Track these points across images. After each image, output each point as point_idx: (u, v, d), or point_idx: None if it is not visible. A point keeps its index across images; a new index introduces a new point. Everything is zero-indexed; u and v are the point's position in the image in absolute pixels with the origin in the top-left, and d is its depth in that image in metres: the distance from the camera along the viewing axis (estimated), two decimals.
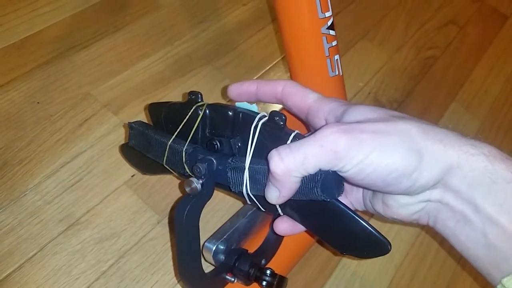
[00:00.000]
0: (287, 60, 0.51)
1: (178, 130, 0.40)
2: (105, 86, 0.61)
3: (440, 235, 0.31)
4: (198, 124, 0.39)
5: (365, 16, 0.87)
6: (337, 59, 0.49)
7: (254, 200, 0.36)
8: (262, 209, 0.37)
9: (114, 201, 0.52)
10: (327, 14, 0.46)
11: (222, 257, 0.45)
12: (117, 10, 0.69)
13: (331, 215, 0.33)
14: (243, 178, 0.34)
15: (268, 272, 0.43)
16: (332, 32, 0.48)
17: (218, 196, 0.56)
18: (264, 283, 0.43)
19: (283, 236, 0.47)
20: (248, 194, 0.35)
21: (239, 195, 0.37)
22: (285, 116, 0.34)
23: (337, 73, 0.50)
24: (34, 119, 0.56)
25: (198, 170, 0.37)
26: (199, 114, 0.39)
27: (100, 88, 0.60)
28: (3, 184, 0.51)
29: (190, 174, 0.39)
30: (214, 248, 0.45)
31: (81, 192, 0.52)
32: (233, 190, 0.36)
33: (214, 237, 0.46)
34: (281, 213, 0.36)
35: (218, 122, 0.38)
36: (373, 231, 0.31)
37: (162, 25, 0.70)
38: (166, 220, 0.53)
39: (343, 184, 0.31)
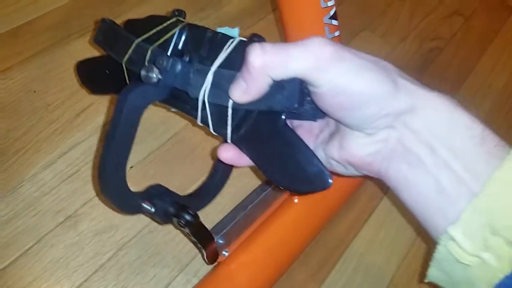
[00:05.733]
0: None
1: (151, 33, 0.37)
2: None
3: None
4: (174, 33, 0.35)
5: (368, 6, 0.85)
6: None
7: (206, 114, 0.34)
8: (212, 129, 0.35)
9: None
10: (330, 3, 0.45)
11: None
12: None
13: (281, 143, 0.32)
14: (204, 81, 0.32)
15: (188, 214, 0.39)
16: (334, 22, 0.47)
17: None
18: (181, 222, 0.39)
19: (217, 191, 0.47)
20: (204, 101, 0.33)
21: (191, 110, 0.35)
22: (264, 39, 0.32)
23: None
24: (31, 109, 0.54)
25: (161, 63, 0.34)
26: (178, 26, 0.36)
27: None
28: (0, 174, 0.50)
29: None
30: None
31: (78, 183, 0.51)
32: (190, 95, 0.34)
33: (214, 231, 0.45)
34: (229, 139, 0.34)
35: (195, 41, 0.35)
36: (320, 162, 0.31)
37: (161, 12, 0.68)
38: None
39: (306, 100, 0.30)
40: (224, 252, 0.46)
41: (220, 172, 0.47)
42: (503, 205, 0.27)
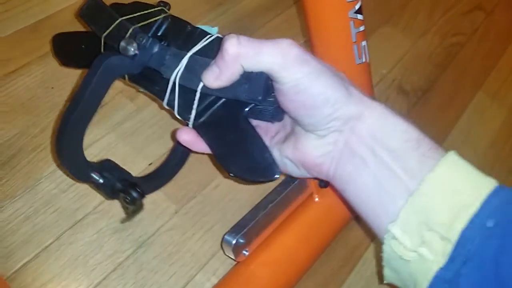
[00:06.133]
0: (311, 45, 0.49)
1: (134, 15, 0.39)
2: None
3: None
4: (156, 20, 0.38)
5: (388, 1, 0.84)
6: (364, 45, 0.47)
7: (174, 97, 0.36)
8: (176, 112, 0.37)
9: None
10: None
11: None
12: None
13: (239, 134, 0.35)
14: (179, 63, 0.35)
15: (136, 192, 0.39)
16: (360, 17, 0.45)
17: (237, 186, 0.54)
18: (127, 199, 0.39)
19: (171, 175, 0.48)
20: (174, 82, 0.35)
21: (160, 92, 0.37)
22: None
23: (364, 60, 0.47)
24: (49, 105, 0.54)
25: (140, 40, 0.36)
26: (161, 15, 0.38)
27: None
28: (17, 172, 0.49)
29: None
30: (234, 242, 0.43)
31: None
32: (163, 75, 0.36)
33: (234, 230, 0.44)
34: (191, 124, 0.37)
35: (175, 31, 0.38)
36: (271, 156, 0.34)
37: (180, 7, 0.67)
38: (183, 211, 0.52)
39: (269, 95, 0.33)
40: (244, 252, 0.45)
41: (178, 157, 0.48)
42: (437, 203, 0.30)
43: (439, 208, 0.29)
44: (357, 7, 0.45)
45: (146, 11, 0.39)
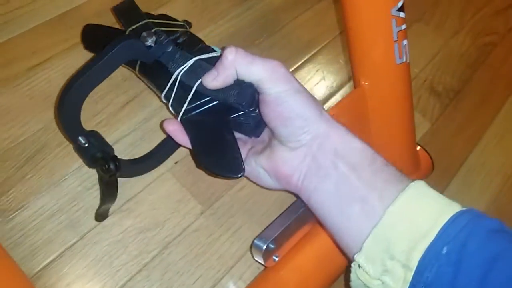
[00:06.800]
0: (348, 43, 0.47)
1: (160, 22, 0.47)
2: None
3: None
4: (177, 31, 0.46)
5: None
6: (405, 45, 0.45)
7: (172, 91, 0.42)
8: (170, 105, 0.43)
9: (157, 188, 0.50)
10: None
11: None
12: None
13: (218, 135, 0.41)
14: (185, 62, 0.41)
15: (114, 164, 0.42)
16: (402, 15, 0.44)
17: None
18: (104, 167, 0.42)
19: (154, 166, 0.50)
20: (177, 77, 0.42)
21: (161, 86, 0.43)
22: None
23: (404, 60, 0.45)
24: None
25: (159, 37, 0.43)
26: (182, 28, 0.47)
27: None
28: (42, 167, 0.48)
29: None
30: (265, 247, 0.42)
31: (122, 179, 0.49)
32: (170, 69, 0.42)
33: (265, 235, 0.43)
34: (179, 117, 0.42)
35: (190, 44, 0.46)
36: (241, 158, 0.40)
37: (205, 2, 0.66)
38: (210, 211, 0.50)
39: (253, 106, 0.40)
40: (274, 257, 0.43)
41: (164, 149, 0.50)
42: (398, 233, 0.33)
43: (400, 237, 0.32)
44: (399, 4, 0.43)
45: (171, 22, 0.48)
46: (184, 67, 0.41)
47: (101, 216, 0.46)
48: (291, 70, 0.63)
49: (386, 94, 0.46)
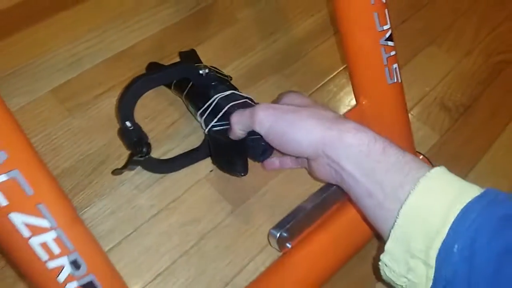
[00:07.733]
0: (349, 69, 0.56)
1: (212, 68, 0.62)
2: None
3: None
4: (222, 76, 0.62)
5: (434, 21, 0.88)
6: (395, 68, 0.53)
7: (208, 109, 0.58)
8: (203, 122, 0.59)
9: (195, 192, 0.61)
10: (385, 27, 0.51)
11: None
12: (199, 26, 0.78)
13: (232, 148, 0.55)
14: (225, 92, 0.58)
15: (147, 148, 0.55)
16: (390, 43, 0.52)
17: (283, 193, 0.62)
18: (138, 149, 0.55)
19: (183, 166, 0.63)
20: (215, 99, 0.58)
21: (198, 103, 0.60)
22: (254, 102, 0.59)
23: (395, 80, 0.54)
24: None
25: (210, 71, 0.60)
26: (227, 77, 0.64)
27: None
28: (106, 175, 0.61)
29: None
30: (278, 235, 0.51)
31: (168, 184, 0.61)
32: (211, 94, 0.58)
33: (279, 225, 0.52)
34: (207, 130, 0.58)
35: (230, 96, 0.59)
36: (245, 164, 0.54)
37: (237, 38, 0.78)
38: (238, 211, 0.60)
39: (267, 151, 0.56)
40: (288, 244, 0.52)
41: (185, 158, 0.62)
42: (414, 232, 0.34)
43: (416, 236, 0.34)
44: (387, 35, 0.51)
45: (219, 71, 0.63)
46: (221, 95, 0.58)
47: (117, 173, 0.59)
48: (312, 91, 0.73)
49: (382, 110, 0.55)
